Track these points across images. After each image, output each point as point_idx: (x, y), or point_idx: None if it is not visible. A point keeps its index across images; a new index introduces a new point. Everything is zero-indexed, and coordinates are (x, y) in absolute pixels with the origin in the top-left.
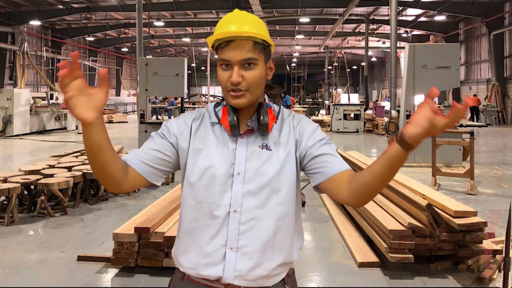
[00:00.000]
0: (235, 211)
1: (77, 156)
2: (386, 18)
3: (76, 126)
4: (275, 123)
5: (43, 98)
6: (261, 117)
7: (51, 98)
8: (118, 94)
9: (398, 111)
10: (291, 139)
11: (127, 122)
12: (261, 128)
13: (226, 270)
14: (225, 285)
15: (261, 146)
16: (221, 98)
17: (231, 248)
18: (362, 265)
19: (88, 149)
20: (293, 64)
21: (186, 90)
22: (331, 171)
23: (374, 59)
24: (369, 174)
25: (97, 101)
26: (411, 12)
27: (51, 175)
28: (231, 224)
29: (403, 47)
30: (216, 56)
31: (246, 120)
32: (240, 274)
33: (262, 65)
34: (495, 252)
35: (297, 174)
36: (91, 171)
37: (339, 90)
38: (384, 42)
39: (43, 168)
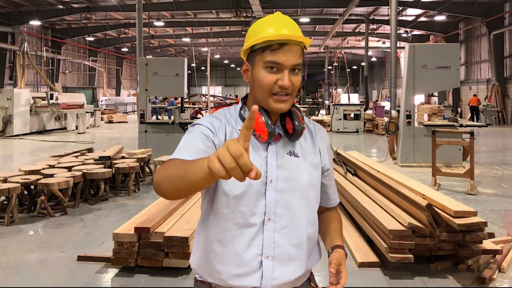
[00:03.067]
0: (270, 219)
1: (77, 156)
2: (386, 18)
3: (76, 126)
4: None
5: (43, 98)
6: (295, 123)
7: (51, 98)
8: (118, 94)
9: (398, 111)
10: (315, 148)
11: (127, 122)
12: (295, 134)
13: (264, 280)
14: None
15: (289, 153)
16: (227, 101)
17: (267, 257)
18: (362, 265)
19: (193, 183)
20: None
21: (186, 90)
22: (331, 204)
23: (374, 59)
24: (324, 228)
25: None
26: (411, 12)
27: (51, 175)
28: (266, 232)
29: (403, 47)
30: (216, 57)
31: None
32: (277, 283)
33: (300, 71)
34: (495, 252)
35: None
36: (91, 171)
37: (339, 90)
38: (384, 42)
39: (43, 168)
